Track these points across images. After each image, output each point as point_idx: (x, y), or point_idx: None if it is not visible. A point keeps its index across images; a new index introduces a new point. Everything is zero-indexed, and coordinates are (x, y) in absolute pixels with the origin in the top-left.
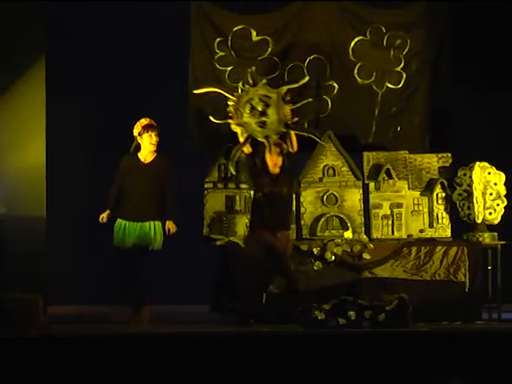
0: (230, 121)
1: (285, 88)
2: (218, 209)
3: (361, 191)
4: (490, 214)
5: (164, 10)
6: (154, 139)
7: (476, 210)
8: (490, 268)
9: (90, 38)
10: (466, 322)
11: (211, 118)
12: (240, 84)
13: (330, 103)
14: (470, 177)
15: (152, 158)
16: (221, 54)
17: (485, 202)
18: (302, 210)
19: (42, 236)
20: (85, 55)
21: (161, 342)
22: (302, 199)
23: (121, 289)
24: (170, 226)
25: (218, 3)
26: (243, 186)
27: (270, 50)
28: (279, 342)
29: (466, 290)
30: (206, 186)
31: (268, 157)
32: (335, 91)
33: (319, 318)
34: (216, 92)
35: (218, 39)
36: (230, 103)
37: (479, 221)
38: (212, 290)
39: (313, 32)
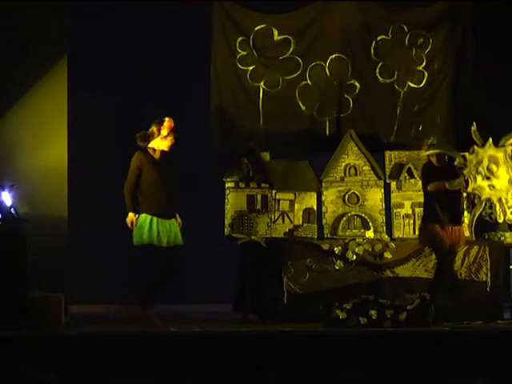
0: None
1: (509, 147)
2: (239, 208)
3: (382, 190)
4: None
5: (186, 9)
6: (173, 142)
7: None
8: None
9: (112, 38)
10: (488, 322)
11: None
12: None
13: (351, 102)
14: None
15: (161, 155)
16: (242, 53)
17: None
18: (324, 209)
19: (63, 235)
20: (107, 55)
21: (183, 341)
22: (323, 198)
23: (158, 287)
24: (179, 219)
25: (241, 2)
26: (263, 185)
27: (291, 49)
28: (301, 340)
29: (488, 289)
30: (227, 185)
31: None
32: (357, 90)
33: (341, 317)
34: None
35: (239, 38)
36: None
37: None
38: (234, 289)
39: (334, 31)
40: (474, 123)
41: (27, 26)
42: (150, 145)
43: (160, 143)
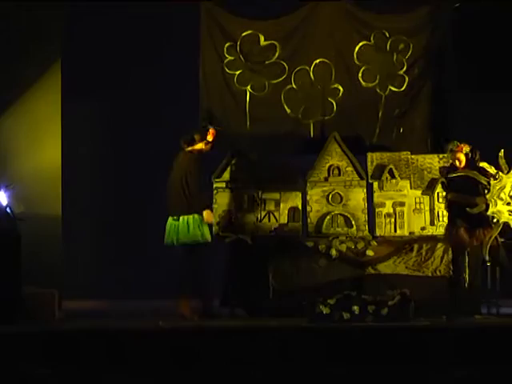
0: None
1: None
2: (226, 207)
3: (365, 190)
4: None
5: (178, 14)
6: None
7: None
8: (488, 264)
9: (106, 42)
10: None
11: None
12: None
13: (335, 105)
14: None
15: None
16: (230, 58)
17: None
18: (308, 208)
19: (57, 234)
20: (100, 59)
21: (172, 336)
22: (308, 198)
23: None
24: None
25: (228, 9)
26: (250, 185)
27: (277, 54)
28: (286, 335)
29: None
30: (215, 185)
31: None
32: (340, 94)
33: (324, 312)
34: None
35: (227, 44)
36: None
37: None
38: (222, 285)
39: (318, 37)
40: (502, 150)
41: (21, 29)
42: (193, 147)
43: (203, 147)
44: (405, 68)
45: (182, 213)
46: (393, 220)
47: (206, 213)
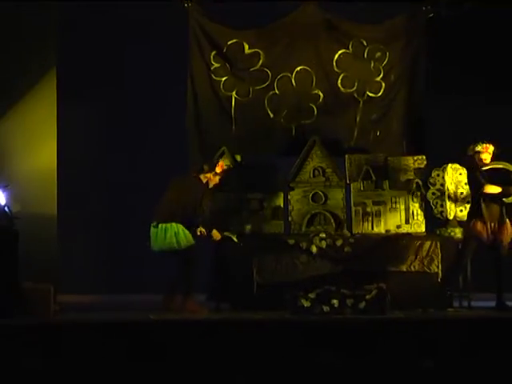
0: None
1: None
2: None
3: (344, 190)
4: (461, 211)
5: (167, 24)
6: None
7: (448, 208)
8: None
9: (99, 48)
10: (439, 310)
11: None
12: (234, 93)
13: (315, 110)
14: (443, 177)
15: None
16: (216, 65)
17: (456, 200)
18: (290, 207)
19: (52, 231)
20: (93, 65)
21: (162, 328)
22: (290, 197)
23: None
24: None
25: (214, 19)
26: (236, 185)
27: (261, 61)
28: (269, 327)
29: (439, 280)
30: None
31: None
32: (320, 99)
33: (305, 305)
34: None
35: (213, 52)
36: None
37: (451, 217)
38: (208, 280)
39: (300, 45)
40: None
41: (17, 35)
42: (203, 176)
43: (211, 178)
44: (381, 75)
45: (163, 221)
46: (370, 218)
47: (214, 233)
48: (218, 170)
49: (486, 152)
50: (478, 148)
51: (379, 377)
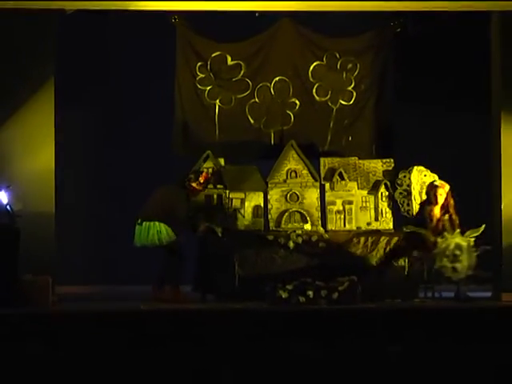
0: None
1: (472, 239)
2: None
3: (318, 190)
4: None
5: (157, 38)
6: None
7: (414, 207)
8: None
9: (94, 58)
10: (406, 300)
11: None
12: (217, 101)
13: (292, 117)
14: (409, 178)
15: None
16: (201, 75)
17: (421, 200)
18: (269, 206)
19: (50, 228)
20: (89, 74)
21: (151, 317)
22: (269, 197)
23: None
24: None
25: (199, 32)
26: (219, 186)
27: (242, 72)
28: (250, 316)
29: (406, 273)
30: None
31: None
32: (297, 107)
33: (283, 296)
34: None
35: (199, 63)
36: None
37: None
38: (194, 272)
39: (278, 57)
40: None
41: (16, 46)
42: (188, 185)
43: (196, 187)
44: (353, 84)
45: (147, 219)
46: (342, 216)
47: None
48: (201, 179)
49: (442, 188)
50: (435, 182)
51: (351, 361)
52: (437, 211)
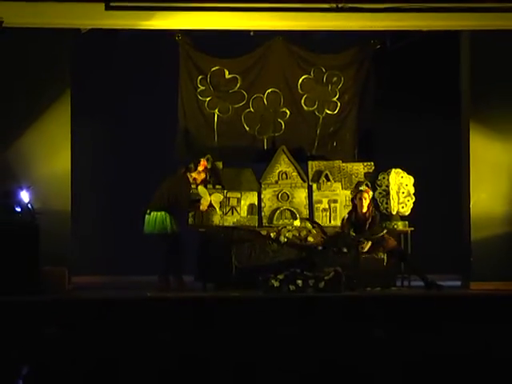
0: None
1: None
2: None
3: (306, 190)
4: (403, 207)
5: (162, 53)
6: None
7: (392, 205)
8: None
9: (107, 73)
10: (385, 288)
11: None
12: (216, 110)
13: (283, 125)
14: (388, 180)
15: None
16: (202, 88)
17: (398, 199)
18: (263, 204)
19: (67, 224)
20: (102, 87)
21: (157, 304)
22: (262, 196)
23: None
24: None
25: (200, 49)
26: (218, 186)
27: (238, 85)
28: (246, 303)
29: (385, 264)
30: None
31: None
32: (287, 116)
33: (275, 285)
34: None
35: (199, 77)
36: None
37: (394, 213)
38: (196, 264)
39: (271, 71)
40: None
41: (36, 63)
42: (189, 175)
43: (196, 176)
44: (337, 96)
45: (154, 210)
46: (328, 213)
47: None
48: (201, 168)
49: (367, 193)
50: (361, 187)
51: (335, 341)
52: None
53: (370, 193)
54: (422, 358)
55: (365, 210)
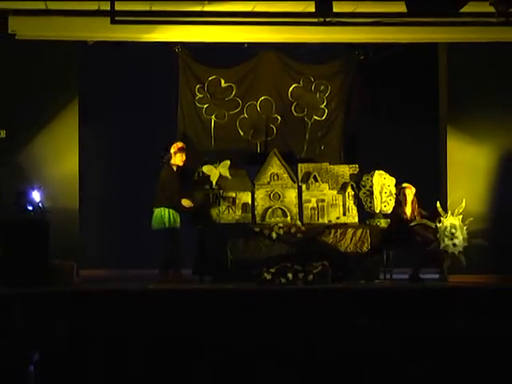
0: None
1: (460, 216)
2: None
3: (296, 191)
4: (385, 206)
5: (162, 63)
6: (184, 158)
7: (375, 204)
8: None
9: (112, 80)
10: (369, 281)
11: None
12: (213, 116)
13: (275, 130)
14: (371, 181)
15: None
16: (200, 95)
17: (381, 198)
18: (256, 203)
19: (75, 221)
20: (107, 94)
21: (158, 295)
22: (255, 196)
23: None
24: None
25: (198, 60)
26: (215, 186)
27: (234, 93)
28: (240, 295)
29: (369, 258)
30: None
31: None
32: (279, 122)
33: (267, 278)
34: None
35: (197, 85)
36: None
37: (377, 211)
38: (194, 258)
39: (263, 80)
40: (438, 202)
41: (47, 71)
42: (171, 162)
43: (174, 159)
44: (325, 103)
45: (155, 207)
46: (316, 212)
47: (183, 201)
48: (173, 149)
49: (409, 189)
50: (405, 185)
51: (322, 330)
52: (408, 208)
53: (413, 189)
54: (403, 345)
55: (409, 203)
